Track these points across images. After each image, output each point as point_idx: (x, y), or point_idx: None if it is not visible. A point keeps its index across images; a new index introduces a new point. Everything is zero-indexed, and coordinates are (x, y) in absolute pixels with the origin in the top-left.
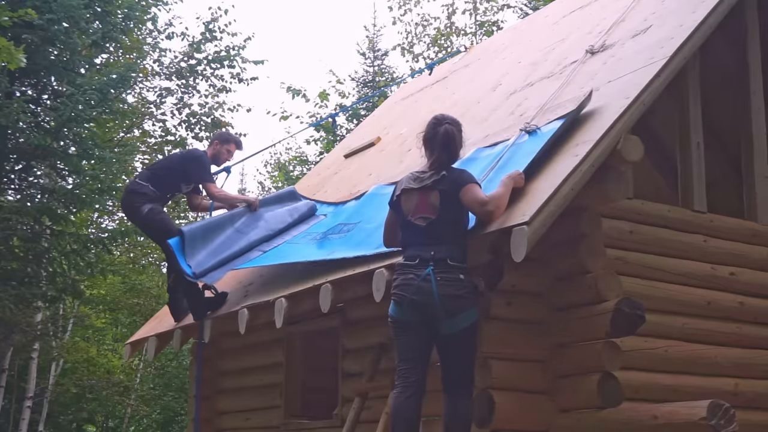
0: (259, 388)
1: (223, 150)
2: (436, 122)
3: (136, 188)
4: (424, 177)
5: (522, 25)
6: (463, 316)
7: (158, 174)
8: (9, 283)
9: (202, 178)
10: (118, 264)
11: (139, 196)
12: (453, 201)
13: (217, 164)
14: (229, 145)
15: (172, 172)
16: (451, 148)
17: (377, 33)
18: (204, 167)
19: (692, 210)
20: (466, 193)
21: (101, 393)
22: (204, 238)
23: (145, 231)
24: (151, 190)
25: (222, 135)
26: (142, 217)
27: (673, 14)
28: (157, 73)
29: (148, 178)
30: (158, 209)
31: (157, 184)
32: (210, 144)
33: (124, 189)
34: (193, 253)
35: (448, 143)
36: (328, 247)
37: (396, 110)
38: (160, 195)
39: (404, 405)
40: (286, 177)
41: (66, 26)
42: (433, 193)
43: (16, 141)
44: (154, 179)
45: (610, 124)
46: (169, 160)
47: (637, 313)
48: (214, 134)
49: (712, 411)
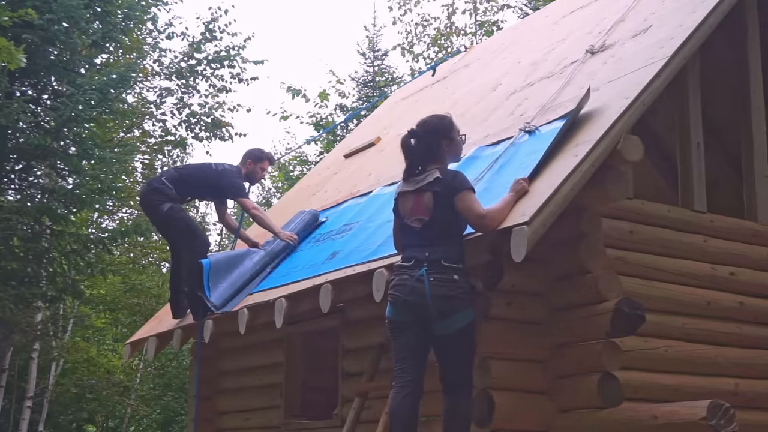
0: (259, 388)
1: (258, 169)
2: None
3: (160, 187)
4: (418, 179)
5: (522, 25)
6: (456, 317)
7: (188, 181)
8: (9, 283)
9: (237, 196)
10: (118, 264)
11: (159, 195)
12: (446, 203)
13: (252, 183)
14: (263, 163)
15: (203, 184)
16: (408, 153)
17: (377, 33)
18: (237, 183)
19: (692, 210)
20: (461, 200)
21: (101, 393)
22: (226, 270)
23: (161, 229)
24: (173, 191)
25: (254, 154)
26: (162, 215)
27: (673, 14)
28: (157, 73)
29: (174, 180)
30: (178, 208)
31: (181, 188)
32: (242, 162)
33: (146, 184)
34: (216, 285)
35: (405, 150)
36: (330, 249)
37: (396, 110)
38: (180, 198)
39: (401, 404)
40: (286, 177)
41: (66, 26)
42: (426, 195)
43: (16, 141)
44: (181, 183)
45: (610, 124)
46: (203, 171)
47: (637, 313)
48: (246, 153)
49: (712, 411)
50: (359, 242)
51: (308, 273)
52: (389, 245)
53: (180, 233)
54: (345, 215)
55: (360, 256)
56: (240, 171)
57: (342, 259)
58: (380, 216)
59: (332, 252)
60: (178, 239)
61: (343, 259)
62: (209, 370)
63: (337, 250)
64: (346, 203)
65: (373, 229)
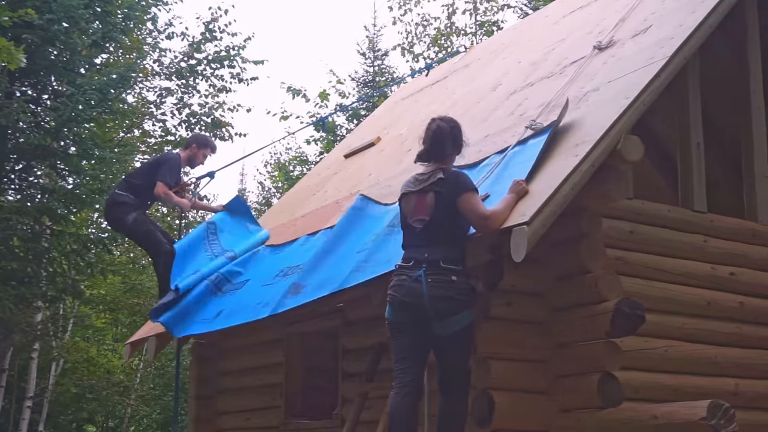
0: (259, 388)
1: (200, 154)
2: (430, 122)
3: (117, 199)
4: (422, 179)
5: (522, 25)
6: (455, 318)
7: (134, 183)
8: (9, 283)
9: (161, 176)
10: (118, 264)
11: (121, 207)
12: (449, 204)
13: (191, 167)
14: (206, 149)
15: (146, 179)
16: (439, 141)
17: (377, 33)
18: (170, 168)
19: (692, 210)
20: (465, 201)
21: (101, 393)
22: (185, 255)
23: (133, 239)
24: (131, 198)
25: (200, 139)
26: (128, 228)
27: (673, 14)
28: (157, 73)
29: (128, 188)
30: (141, 220)
31: (135, 192)
32: (187, 146)
33: (107, 200)
34: (180, 270)
35: (437, 136)
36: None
37: (396, 110)
38: (140, 202)
39: (400, 405)
40: (286, 177)
41: (66, 26)
42: (428, 195)
43: (16, 141)
44: (135, 189)
45: (610, 124)
46: (142, 167)
47: (637, 313)
48: (191, 137)
49: (712, 411)
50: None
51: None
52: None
53: (146, 243)
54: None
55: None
56: (179, 157)
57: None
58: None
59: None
60: (147, 249)
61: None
62: (209, 370)
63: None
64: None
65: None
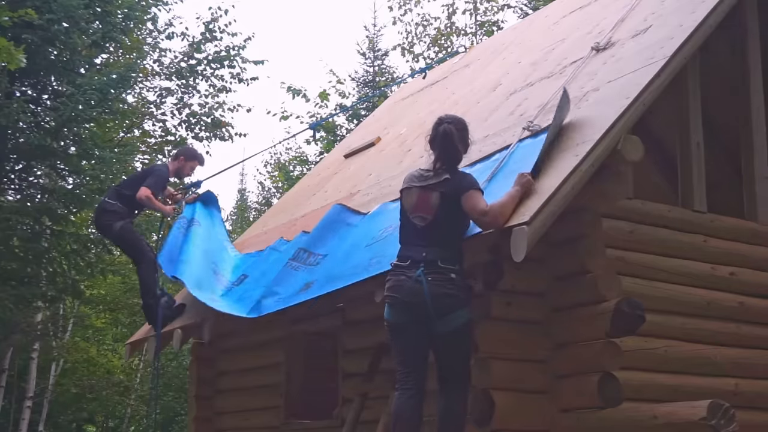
0: (259, 388)
1: (188, 166)
2: (437, 123)
3: (107, 207)
4: (428, 176)
5: (522, 25)
6: (454, 315)
7: (123, 193)
8: (9, 283)
9: (146, 183)
10: (118, 264)
11: (110, 215)
12: (453, 205)
13: (179, 178)
14: (193, 162)
15: (135, 190)
16: (449, 146)
17: (377, 33)
18: (157, 177)
19: (692, 210)
20: (467, 199)
21: (101, 393)
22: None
23: (118, 246)
24: (120, 207)
25: (188, 151)
26: (114, 235)
27: (673, 14)
28: (157, 73)
29: (117, 197)
30: (128, 228)
31: (123, 202)
32: (175, 158)
33: (96, 207)
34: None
35: (446, 141)
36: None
37: (396, 110)
38: (128, 212)
39: (405, 406)
40: (286, 177)
41: (66, 26)
42: (434, 194)
43: (16, 141)
44: (122, 198)
45: (610, 124)
46: (131, 178)
47: (637, 313)
48: (180, 150)
49: (712, 411)
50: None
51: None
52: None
53: (131, 251)
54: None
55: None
56: (167, 168)
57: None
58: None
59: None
60: (131, 256)
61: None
62: (209, 370)
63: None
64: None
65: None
